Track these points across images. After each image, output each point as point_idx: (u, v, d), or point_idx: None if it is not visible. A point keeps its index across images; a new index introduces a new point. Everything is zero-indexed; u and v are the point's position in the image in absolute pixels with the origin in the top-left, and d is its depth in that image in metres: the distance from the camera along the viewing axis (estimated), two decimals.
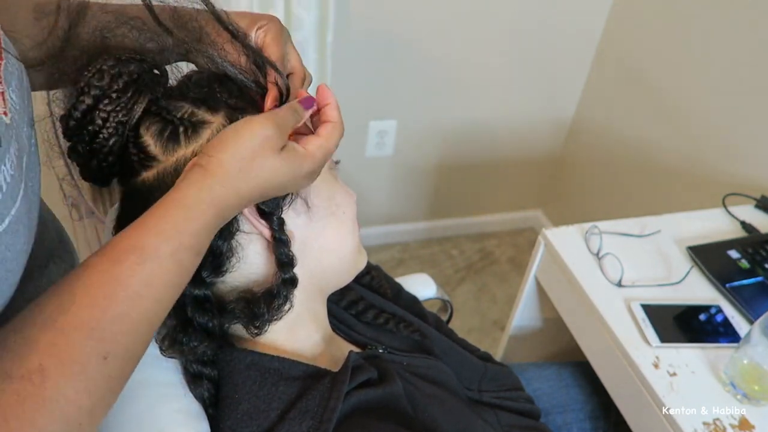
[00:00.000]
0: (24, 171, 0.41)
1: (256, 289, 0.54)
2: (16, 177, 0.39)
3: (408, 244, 2.02)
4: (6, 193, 0.37)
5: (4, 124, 0.37)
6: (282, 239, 0.52)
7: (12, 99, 0.40)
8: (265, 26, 0.53)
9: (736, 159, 1.30)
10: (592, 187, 1.85)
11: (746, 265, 0.93)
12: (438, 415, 0.59)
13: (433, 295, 0.99)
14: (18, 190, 0.39)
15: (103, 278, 0.38)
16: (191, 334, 0.52)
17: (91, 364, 0.36)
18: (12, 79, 0.41)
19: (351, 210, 0.59)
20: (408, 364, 0.64)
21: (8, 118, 0.38)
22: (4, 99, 0.38)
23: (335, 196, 0.58)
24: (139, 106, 0.49)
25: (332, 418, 0.49)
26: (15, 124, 0.39)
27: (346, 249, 0.59)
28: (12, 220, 0.38)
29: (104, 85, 0.48)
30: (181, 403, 0.54)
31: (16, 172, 0.39)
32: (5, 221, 0.37)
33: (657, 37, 1.50)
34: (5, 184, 0.37)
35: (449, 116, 1.75)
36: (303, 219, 0.55)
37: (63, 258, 0.57)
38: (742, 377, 0.73)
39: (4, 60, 0.40)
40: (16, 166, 0.39)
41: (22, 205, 0.40)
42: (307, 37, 1.33)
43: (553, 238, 0.96)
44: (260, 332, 0.54)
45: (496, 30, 1.61)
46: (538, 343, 1.17)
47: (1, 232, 0.37)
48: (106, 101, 0.48)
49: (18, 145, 0.40)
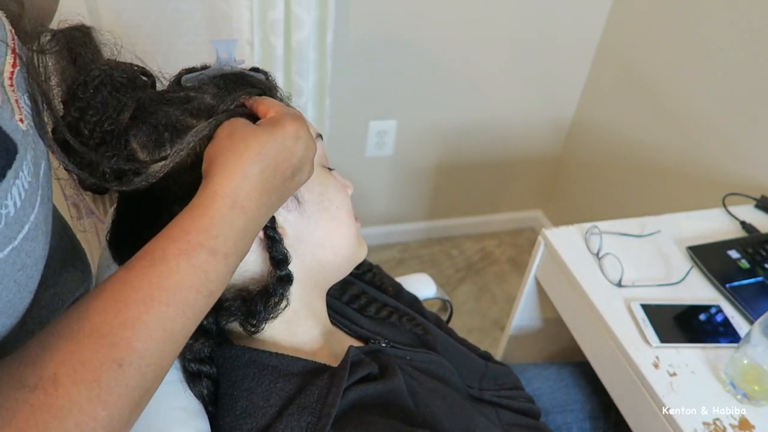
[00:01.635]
0: (41, 177, 0.41)
1: (253, 287, 0.54)
2: (33, 184, 0.39)
3: (408, 244, 2.02)
4: (25, 200, 0.37)
5: (21, 131, 0.37)
6: (274, 237, 0.53)
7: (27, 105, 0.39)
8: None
9: (736, 159, 1.30)
10: (592, 187, 1.85)
11: (746, 265, 0.93)
12: (439, 411, 0.59)
13: (433, 295, 0.99)
14: (36, 196, 0.39)
15: (115, 285, 0.38)
16: None
17: (104, 371, 0.35)
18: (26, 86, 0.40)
19: (344, 203, 0.59)
20: (410, 359, 0.64)
21: (24, 125, 0.38)
22: (19, 106, 0.38)
23: (327, 190, 0.58)
24: (125, 114, 0.49)
25: (331, 413, 0.49)
26: (31, 131, 0.39)
27: (341, 243, 0.59)
28: (31, 227, 0.38)
29: (88, 96, 0.48)
30: (181, 400, 0.54)
31: (34, 179, 0.39)
32: (25, 228, 0.37)
33: (656, 37, 1.50)
34: (24, 191, 0.37)
35: (449, 116, 1.75)
36: (295, 215, 0.55)
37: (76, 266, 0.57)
38: (742, 377, 0.73)
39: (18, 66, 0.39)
40: (33, 173, 0.39)
41: (40, 211, 0.40)
42: (307, 37, 1.33)
43: (553, 238, 0.96)
44: (257, 330, 0.54)
45: (496, 30, 1.61)
46: (538, 343, 1.17)
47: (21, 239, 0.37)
48: (91, 112, 0.48)
49: (35, 152, 0.39)
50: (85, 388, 0.34)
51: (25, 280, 0.39)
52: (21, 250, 0.37)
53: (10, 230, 0.36)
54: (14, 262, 0.37)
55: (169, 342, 0.39)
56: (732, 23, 1.28)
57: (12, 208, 0.35)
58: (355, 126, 1.67)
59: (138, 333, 0.37)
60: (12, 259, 0.37)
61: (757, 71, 1.23)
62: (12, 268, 0.37)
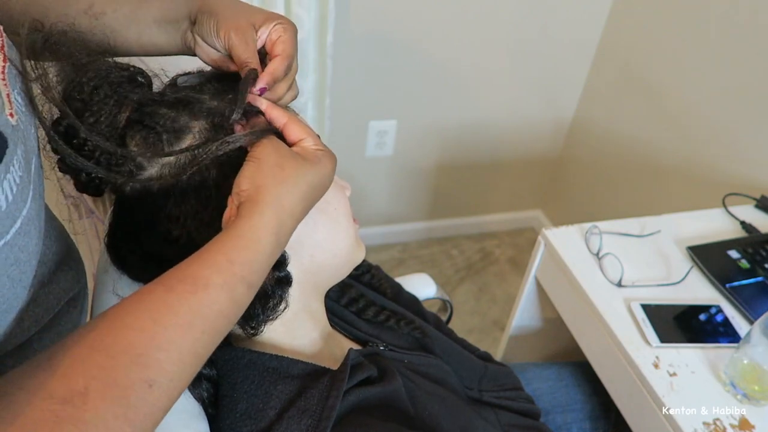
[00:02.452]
0: (33, 173, 0.41)
1: None
2: (24, 179, 0.38)
3: (408, 244, 2.02)
4: (16, 194, 0.37)
5: (11, 126, 0.37)
6: None
7: (17, 101, 0.39)
8: (284, 24, 0.54)
9: (736, 159, 1.30)
10: (592, 187, 1.85)
11: (746, 265, 0.93)
12: (438, 413, 0.59)
13: (433, 295, 0.99)
14: (27, 191, 0.39)
15: (154, 305, 0.38)
16: None
17: (135, 390, 0.35)
18: (16, 82, 0.40)
19: (343, 206, 0.59)
20: (409, 362, 0.64)
21: (14, 119, 0.38)
22: (9, 101, 0.38)
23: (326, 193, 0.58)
24: (122, 115, 0.49)
25: (331, 416, 0.49)
26: (22, 126, 0.39)
27: (339, 245, 0.58)
28: (24, 222, 0.38)
29: (84, 97, 0.47)
30: (181, 402, 0.53)
31: (25, 174, 0.39)
32: (17, 223, 0.37)
33: (656, 37, 1.50)
34: (15, 185, 0.37)
35: (449, 116, 1.75)
36: None
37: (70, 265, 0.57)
38: (742, 377, 0.73)
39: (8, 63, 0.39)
40: (25, 169, 0.39)
41: (32, 206, 0.40)
42: (307, 37, 1.33)
43: (553, 238, 0.96)
44: (256, 332, 0.54)
45: (496, 30, 1.61)
46: (538, 343, 1.17)
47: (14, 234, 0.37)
48: (87, 114, 0.47)
49: (25, 147, 0.39)
50: (113, 405, 0.34)
51: (18, 275, 0.39)
52: (14, 245, 0.37)
53: (1, 225, 0.36)
54: (6, 257, 0.37)
55: (196, 365, 0.39)
56: (732, 23, 1.28)
57: (3, 202, 0.35)
58: (355, 126, 1.67)
59: (171, 356, 0.37)
60: (4, 254, 0.36)
61: (758, 71, 1.23)
62: (4, 263, 0.37)
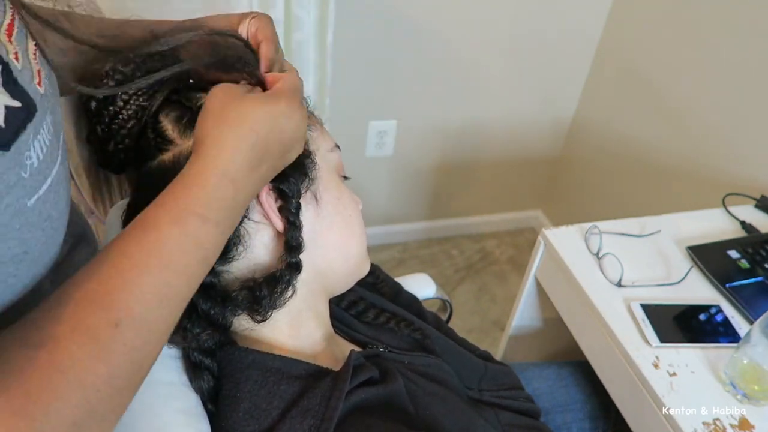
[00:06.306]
0: (60, 142, 0.43)
1: (259, 276, 0.55)
2: (53, 143, 0.41)
3: (408, 244, 2.02)
4: (46, 154, 0.39)
5: (39, 94, 0.39)
6: (295, 223, 0.53)
7: (46, 82, 0.41)
8: (257, 16, 0.55)
9: (736, 159, 1.30)
10: (592, 187, 1.85)
11: (746, 265, 0.93)
12: (439, 414, 0.59)
13: (432, 294, 0.99)
14: (56, 155, 0.41)
15: (109, 253, 0.40)
16: (195, 321, 0.53)
17: (101, 330, 0.36)
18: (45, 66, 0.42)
19: (356, 215, 0.60)
20: (409, 363, 0.64)
21: (42, 89, 0.40)
22: (40, 76, 0.40)
23: (342, 197, 0.59)
24: (161, 94, 0.52)
25: (333, 416, 0.50)
26: (49, 97, 0.41)
27: (351, 251, 0.60)
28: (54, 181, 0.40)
29: (128, 71, 0.50)
30: (182, 402, 0.54)
31: (54, 139, 0.41)
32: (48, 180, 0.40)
33: (656, 37, 1.50)
34: (45, 146, 0.39)
35: (449, 116, 1.75)
36: (311, 212, 0.56)
37: (89, 242, 0.60)
38: (742, 377, 0.73)
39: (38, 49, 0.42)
40: (54, 135, 0.41)
41: (60, 170, 0.42)
42: (307, 37, 1.33)
43: (553, 238, 0.96)
44: (264, 318, 0.54)
45: (496, 30, 1.61)
46: (538, 343, 1.17)
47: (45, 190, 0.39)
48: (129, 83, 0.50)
49: (54, 119, 0.41)
50: (83, 347, 0.36)
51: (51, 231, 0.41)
52: (46, 201, 0.39)
53: (34, 180, 0.38)
54: (40, 212, 0.39)
55: (165, 305, 0.40)
56: (732, 23, 1.28)
57: (35, 159, 0.38)
58: (355, 126, 1.67)
59: (133, 296, 0.38)
60: (38, 208, 0.39)
61: (758, 71, 1.23)
62: (39, 217, 0.39)
